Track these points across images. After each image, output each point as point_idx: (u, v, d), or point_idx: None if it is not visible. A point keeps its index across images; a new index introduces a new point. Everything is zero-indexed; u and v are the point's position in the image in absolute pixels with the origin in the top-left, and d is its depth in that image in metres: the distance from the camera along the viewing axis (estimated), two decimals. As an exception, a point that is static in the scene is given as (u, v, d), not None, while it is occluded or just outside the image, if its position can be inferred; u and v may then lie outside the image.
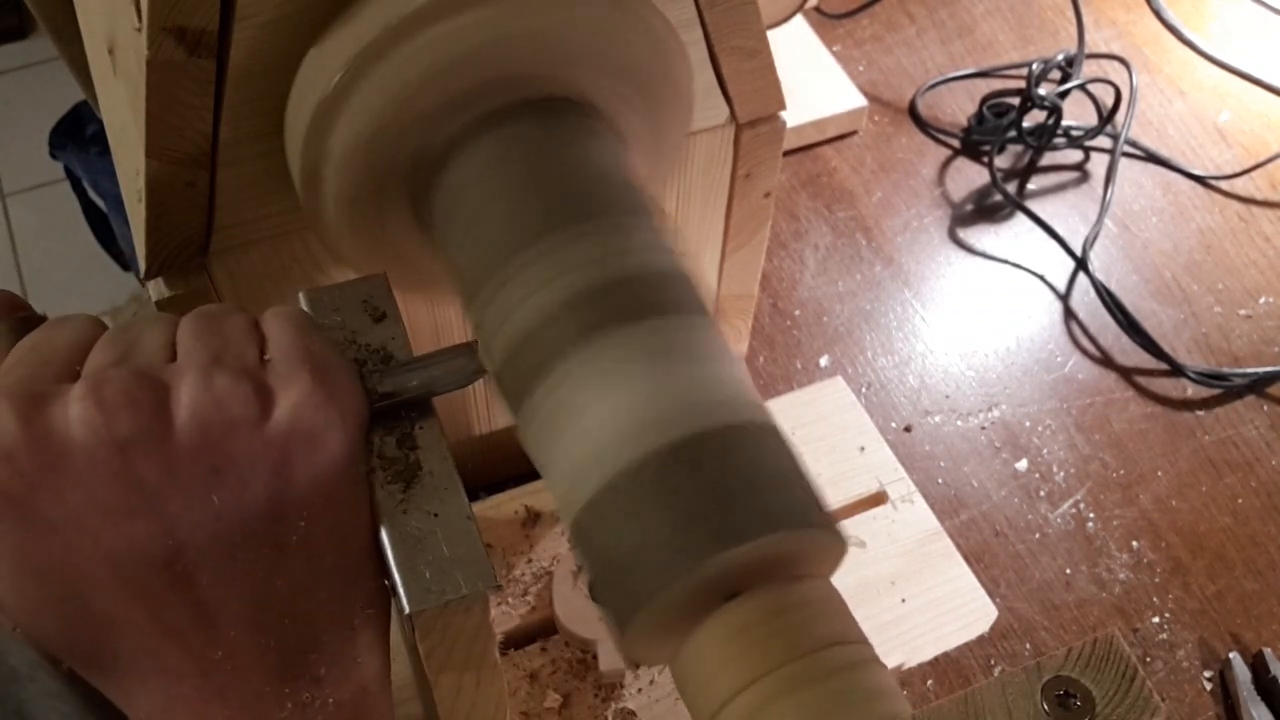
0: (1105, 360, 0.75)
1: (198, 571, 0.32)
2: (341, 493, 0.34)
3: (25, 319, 0.36)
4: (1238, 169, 0.84)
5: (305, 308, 0.39)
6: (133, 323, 0.34)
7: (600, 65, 0.41)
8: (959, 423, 0.71)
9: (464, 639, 0.36)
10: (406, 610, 0.34)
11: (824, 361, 0.74)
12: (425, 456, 0.36)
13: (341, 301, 0.39)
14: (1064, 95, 0.82)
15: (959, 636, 0.61)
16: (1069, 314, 0.77)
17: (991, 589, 0.63)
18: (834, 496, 0.65)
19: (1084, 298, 0.78)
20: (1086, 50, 0.87)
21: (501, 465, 0.65)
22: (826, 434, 0.68)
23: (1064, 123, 0.82)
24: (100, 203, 1.47)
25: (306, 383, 0.33)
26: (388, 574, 0.35)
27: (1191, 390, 0.73)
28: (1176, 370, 0.73)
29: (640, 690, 0.57)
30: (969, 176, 0.85)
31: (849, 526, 0.63)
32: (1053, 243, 0.79)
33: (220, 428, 0.31)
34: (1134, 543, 0.66)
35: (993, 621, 0.61)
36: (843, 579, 0.33)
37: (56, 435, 0.30)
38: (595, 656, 0.57)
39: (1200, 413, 0.72)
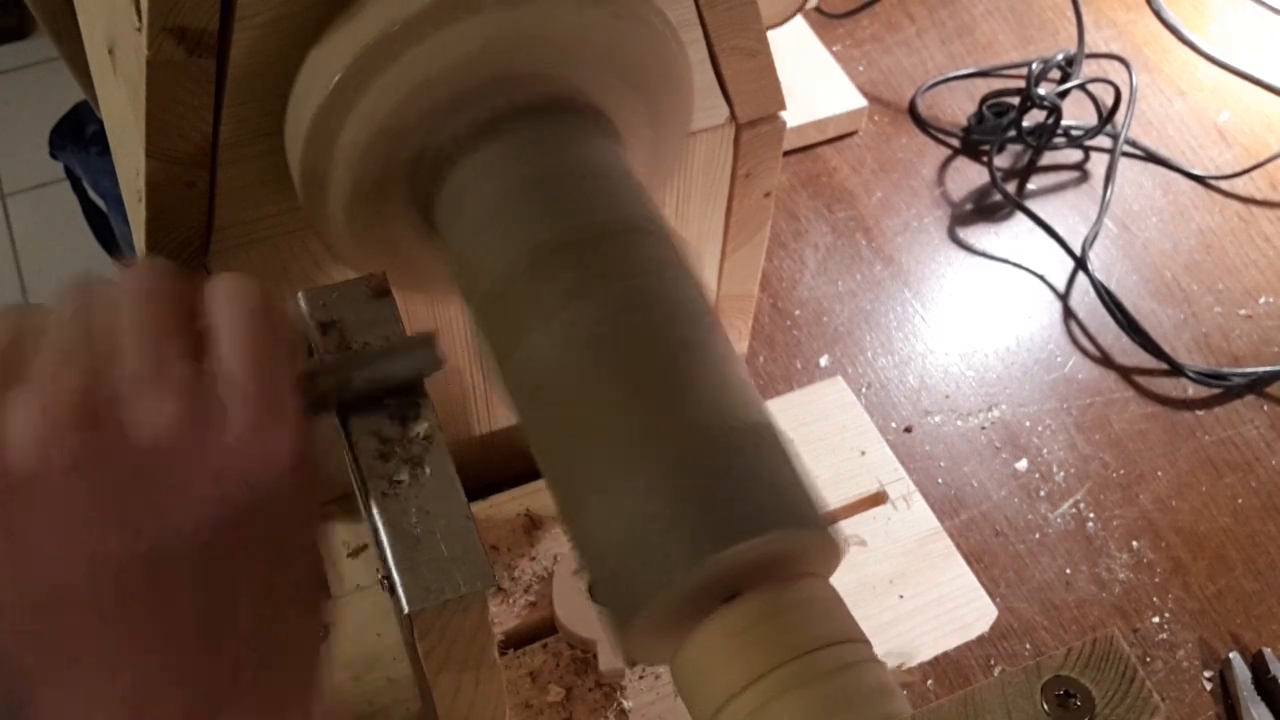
0: (1105, 360, 0.75)
1: (145, 592, 0.31)
2: (291, 507, 0.33)
3: None
4: (1238, 169, 0.84)
5: (304, 308, 0.39)
6: (77, 311, 0.32)
7: (601, 66, 0.41)
8: (959, 423, 0.71)
9: (463, 638, 0.36)
10: (405, 610, 0.34)
11: (824, 361, 0.74)
12: (425, 456, 0.36)
13: (340, 300, 0.39)
14: (1064, 95, 0.82)
15: (959, 636, 0.61)
16: (1069, 314, 0.77)
17: (991, 589, 0.63)
18: (834, 496, 0.65)
19: (1084, 298, 0.78)
20: (1086, 50, 0.87)
21: (501, 465, 0.65)
22: (826, 434, 0.68)
23: (1064, 122, 0.82)
24: (100, 203, 1.47)
25: (253, 394, 0.32)
26: (387, 573, 0.35)
27: (1191, 390, 0.73)
28: (1176, 370, 0.73)
29: (641, 688, 0.57)
30: (969, 176, 0.85)
31: (849, 526, 0.63)
32: (1052, 242, 0.79)
33: (168, 444, 0.30)
34: (1134, 543, 0.66)
35: (993, 621, 0.61)
36: (843, 579, 0.33)
37: (3, 456, 0.29)
38: (595, 656, 0.57)
39: (1200, 413, 0.72)
